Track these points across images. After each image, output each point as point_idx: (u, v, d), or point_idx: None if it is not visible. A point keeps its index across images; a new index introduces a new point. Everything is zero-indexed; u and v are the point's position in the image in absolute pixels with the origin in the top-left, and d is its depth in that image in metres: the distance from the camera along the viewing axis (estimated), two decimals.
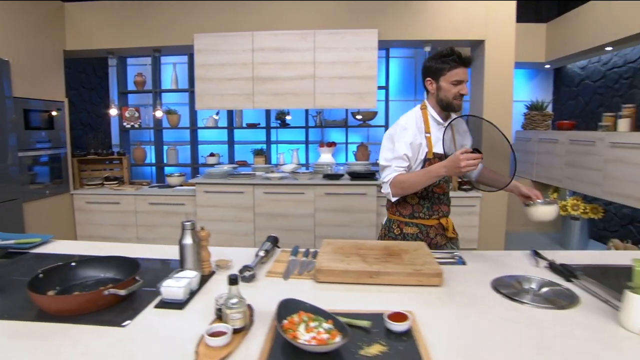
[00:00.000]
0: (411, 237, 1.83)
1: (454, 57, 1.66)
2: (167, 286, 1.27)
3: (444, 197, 1.85)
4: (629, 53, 4.06)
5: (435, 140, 1.78)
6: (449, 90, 1.70)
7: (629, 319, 1.11)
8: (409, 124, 1.78)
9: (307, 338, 0.94)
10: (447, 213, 1.87)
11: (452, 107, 1.73)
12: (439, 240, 1.84)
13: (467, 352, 0.99)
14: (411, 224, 1.84)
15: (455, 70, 1.67)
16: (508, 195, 4.02)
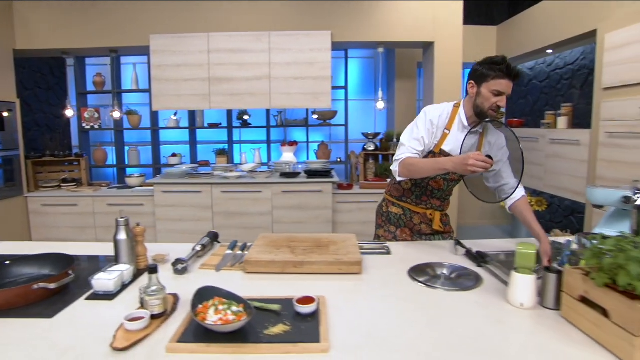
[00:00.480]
0: (394, 216, 1.96)
1: (503, 67, 1.59)
2: (98, 279, 1.33)
3: (438, 192, 1.89)
4: (568, 55, 4.33)
5: (450, 139, 1.77)
6: (487, 98, 1.65)
7: (512, 295, 1.26)
8: (432, 113, 1.77)
9: (214, 319, 1.03)
10: (437, 207, 1.93)
11: (485, 116, 1.69)
12: (423, 229, 1.94)
13: (365, 330, 1.10)
14: (397, 205, 1.97)
15: (500, 81, 1.61)
16: (460, 190, 4.21)
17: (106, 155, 4.84)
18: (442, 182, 1.85)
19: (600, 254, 1.07)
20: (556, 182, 3.80)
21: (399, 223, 1.98)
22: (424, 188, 1.89)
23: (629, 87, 2.93)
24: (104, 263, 1.69)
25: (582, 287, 1.11)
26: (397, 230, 1.98)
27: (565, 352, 1.00)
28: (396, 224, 1.98)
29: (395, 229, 1.98)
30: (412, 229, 1.95)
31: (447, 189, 1.90)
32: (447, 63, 3.94)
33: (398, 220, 1.97)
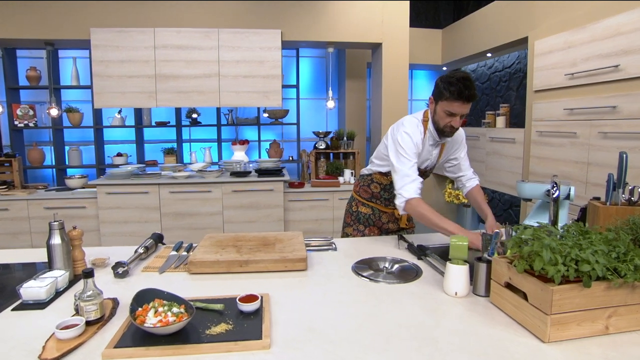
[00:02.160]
0: (363, 216, 2.03)
1: (454, 88, 1.57)
2: (27, 287, 1.26)
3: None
4: (506, 59, 4.63)
5: (423, 156, 1.82)
6: (441, 118, 1.67)
7: (447, 284, 1.34)
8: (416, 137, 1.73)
9: (153, 322, 1.02)
10: None
11: (442, 133, 1.72)
12: (391, 227, 2.04)
13: (306, 324, 1.13)
14: (366, 205, 2.05)
15: (452, 102, 1.60)
16: None
17: (43, 156, 4.53)
18: None
19: (520, 242, 1.17)
20: (496, 178, 4.06)
21: (367, 222, 2.05)
22: (392, 191, 1.88)
23: (555, 90, 3.19)
24: (36, 270, 1.60)
25: (506, 274, 1.21)
26: (365, 229, 2.06)
27: (490, 333, 1.09)
28: (365, 223, 2.06)
29: (364, 227, 2.06)
30: (380, 227, 2.05)
31: None
32: (394, 64, 4.07)
33: (367, 219, 2.05)
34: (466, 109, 1.63)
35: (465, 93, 1.57)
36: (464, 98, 1.58)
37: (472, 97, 1.59)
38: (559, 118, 3.11)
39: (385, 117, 4.09)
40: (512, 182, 3.81)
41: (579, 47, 2.90)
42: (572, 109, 2.97)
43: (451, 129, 1.68)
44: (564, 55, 3.04)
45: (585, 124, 2.86)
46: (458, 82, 1.58)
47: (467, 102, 1.61)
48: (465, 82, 1.58)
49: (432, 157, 1.89)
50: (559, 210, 1.61)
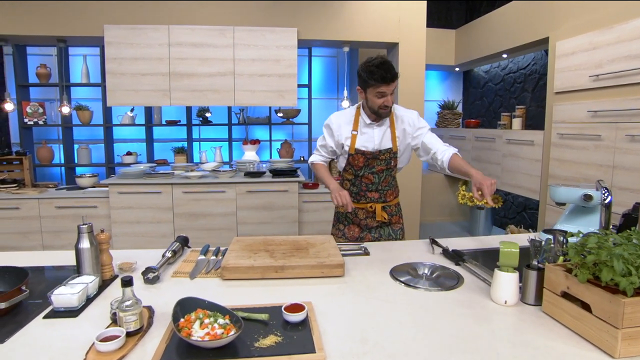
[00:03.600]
0: (342, 215, 2.10)
1: (377, 75, 1.74)
2: (58, 294, 1.20)
3: (372, 186, 2.01)
4: (521, 60, 4.56)
5: (361, 138, 1.97)
6: (374, 101, 1.83)
7: (496, 293, 1.28)
8: (332, 121, 2.02)
9: (200, 334, 0.96)
10: (377, 199, 2.03)
11: (379, 115, 1.89)
12: (369, 222, 2.04)
13: (358, 335, 1.07)
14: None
15: (379, 85, 1.76)
16: (422, 188, 4.32)
17: (52, 154, 4.47)
18: (372, 176, 2.00)
19: (582, 251, 1.11)
20: (512, 180, 4.00)
21: (346, 221, 2.09)
22: (359, 184, 2.03)
23: (578, 91, 3.12)
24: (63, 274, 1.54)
25: (564, 283, 1.15)
26: (345, 227, 2.09)
27: (553, 346, 1.03)
28: (344, 222, 2.10)
29: (344, 227, 2.10)
30: (359, 224, 2.06)
31: (380, 181, 2.02)
32: (410, 64, 4.01)
33: (345, 218, 2.09)
34: (392, 87, 1.79)
35: (388, 76, 1.75)
36: (388, 80, 1.75)
37: (395, 77, 1.78)
38: (582, 120, 3.05)
39: None
40: (529, 184, 3.74)
41: (604, 48, 2.84)
42: (597, 111, 2.91)
43: (386, 108, 1.84)
44: (589, 56, 2.97)
45: (610, 127, 2.80)
46: (378, 69, 1.75)
47: (391, 82, 1.77)
48: (384, 66, 1.75)
49: (377, 139, 1.96)
50: (605, 216, 1.55)
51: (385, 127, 1.97)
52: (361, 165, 1.98)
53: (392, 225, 2.10)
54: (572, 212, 1.94)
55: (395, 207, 2.11)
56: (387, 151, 1.96)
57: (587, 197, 1.80)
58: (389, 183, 2.05)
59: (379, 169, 1.98)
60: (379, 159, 1.96)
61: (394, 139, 1.97)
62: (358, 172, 1.99)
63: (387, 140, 1.97)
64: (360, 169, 1.98)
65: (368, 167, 1.97)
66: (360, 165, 1.98)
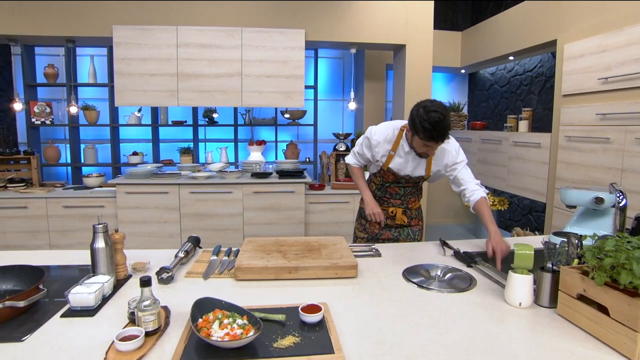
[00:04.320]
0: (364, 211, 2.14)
1: (428, 134, 1.69)
2: (75, 293, 1.21)
3: (396, 195, 2.09)
4: (527, 63, 4.56)
5: (396, 160, 1.98)
6: (418, 147, 1.82)
7: (510, 295, 1.28)
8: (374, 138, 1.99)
9: (220, 335, 0.96)
10: (399, 205, 2.11)
11: (418, 155, 1.91)
12: (389, 223, 2.12)
13: (374, 336, 1.08)
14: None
15: (427, 142, 1.74)
16: (428, 191, 4.31)
17: (59, 154, 4.48)
18: (398, 189, 2.08)
19: (599, 253, 1.11)
20: (518, 183, 3.99)
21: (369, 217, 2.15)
22: (384, 192, 2.11)
23: (586, 94, 3.12)
24: (77, 273, 1.55)
25: (580, 285, 1.15)
26: (367, 223, 2.17)
27: (570, 349, 1.03)
28: (367, 217, 2.15)
29: (366, 222, 2.18)
30: (380, 223, 2.12)
31: (406, 193, 2.10)
32: (417, 66, 4.01)
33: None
34: (437, 146, 1.79)
35: (439, 140, 1.72)
36: (436, 141, 1.73)
37: (444, 139, 1.74)
38: (590, 123, 3.04)
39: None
40: (535, 187, 3.74)
41: (614, 50, 2.83)
42: (605, 114, 2.90)
43: (425, 155, 1.88)
44: (598, 59, 2.97)
45: (619, 130, 2.79)
46: (432, 128, 1.67)
47: (438, 142, 1.74)
48: (438, 127, 1.67)
49: (410, 166, 1.96)
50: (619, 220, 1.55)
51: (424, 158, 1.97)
52: (390, 181, 2.05)
53: (412, 227, 2.17)
54: (582, 215, 1.94)
55: (416, 210, 2.18)
56: (419, 177, 2.03)
57: (598, 200, 1.79)
58: (413, 193, 2.12)
59: (407, 185, 2.07)
60: (408, 181, 2.04)
61: (428, 168, 1.99)
62: (386, 183, 2.08)
63: (421, 169, 1.99)
64: (389, 183, 2.07)
65: (396, 182, 2.05)
66: (390, 180, 2.05)
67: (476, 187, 1.90)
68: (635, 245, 1.08)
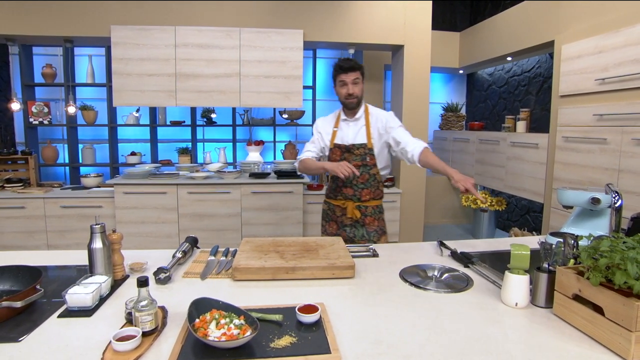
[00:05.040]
0: (324, 212, 2.26)
1: (337, 65, 2.02)
2: (73, 293, 1.20)
3: (348, 181, 2.10)
4: (525, 63, 4.58)
5: (339, 134, 2.13)
6: (340, 92, 2.05)
7: (507, 295, 1.29)
8: (318, 122, 2.21)
9: (217, 335, 0.96)
10: (351, 196, 2.13)
11: (347, 105, 2.08)
12: (344, 220, 2.16)
13: (371, 337, 1.08)
14: (326, 202, 2.25)
15: (339, 76, 2.01)
16: (426, 191, 4.33)
17: (57, 154, 4.48)
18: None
19: (594, 254, 1.12)
20: (516, 183, 4.00)
21: (327, 218, 2.24)
22: (336, 180, 2.14)
23: (583, 95, 3.13)
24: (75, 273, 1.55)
25: (575, 285, 1.15)
26: (326, 224, 2.24)
27: (566, 348, 1.04)
28: (326, 218, 2.25)
29: (326, 222, 2.24)
30: (337, 221, 2.18)
31: (355, 176, 2.07)
32: (415, 66, 4.01)
33: (326, 215, 2.24)
34: (352, 76, 2.00)
35: (344, 65, 2.00)
36: (346, 69, 1.99)
37: (353, 67, 2.00)
38: (587, 124, 3.06)
39: (406, 120, 4.03)
40: (533, 187, 3.75)
41: (611, 51, 2.85)
42: (602, 115, 2.91)
43: (349, 96, 2.02)
44: (595, 59, 2.98)
45: (616, 130, 2.81)
46: (339, 61, 2.04)
47: (350, 71, 2.00)
48: (344, 59, 2.04)
49: (352, 133, 2.10)
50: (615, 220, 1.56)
51: (361, 124, 2.12)
52: (338, 159, 2.09)
53: (367, 226, 2.15)
54: (579, 215, 1.95)
55: (373, 208, 2.16)
56: (361, 146, 2.08)
57: (594, 201, 1.80)
58: (367, 182, 2.11)
59: (355, 164, 2.06)
60: (354, 154, 2.08)
61: (368, 135, 2.09)
62: None
63: (362, 136, 2.11)
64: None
65: (344, 160, 2.07)
66: (338, 159, 2.10)
67: (416, 141, 2.01)
68: (630, 245, 1.09)
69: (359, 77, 2.02)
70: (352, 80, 2.00)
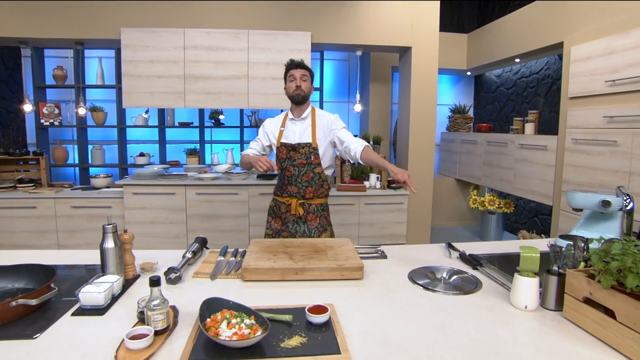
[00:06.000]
0: (270, 208, 2.31)
1: (288, 63, 2.17)
2: (86, 292, 1.22)
3: (292, 179, 2.17)
4: (534, 65, 4.55)
5: (285, 133, 2.22)
6: (289, 87, 2.15)
7: (516, 297, 1.28)
8: (266, 123, 2.29)
9: (228, 334, 0.97)
10: (295, 194, 2.19)
11: (294, 100, 2.16)
12: (288, 217, 2.21)
13: (381, 337, 1.08)
14: (273, 199, 2.31)
15: (290, 71, 2.13)
16: (435, 193, 4.32)
17: (67, 154, 4.54)
18: (292, 169, 2.16)
19: (605, 257, 1.11)
20: (524, 185, 3.97)
21: (273, 214, 2.28)
22: (283, 178, 2.22)
23: (593, 97, 3.11)
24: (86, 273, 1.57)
25: (586, 288, 1.15)
26: (272, 220, 2.28)
27: (577, 352, 1.03)
28: (271, 214, 2.29)
29: (272, 219, 2.29)
30: (281, 217, 2.23)
31: (300, 174, 2.16)
32: (423, 68, 4.01)
33: (272, 211, 2.29)
34: (301, 72, 2.12)
35: (293, 62, 2.15)
36: (294, 65, 2.14)
37: (300, 64, 2.14)
38: (597, 126, 3.03)
39: (414, 121, 4.03)
40: (542, 190, 3.72)
41: (621, 53, 2.82)
42: (613, 117, 2.89)
43: (297, 88, 2.12)
44: (605, 61, 2.96)
45: (627, 132, 2.78)
46: (290, 60, 2.18)
47: (299, 68, 2.13)
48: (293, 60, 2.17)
49: (298, 133, 2.17)
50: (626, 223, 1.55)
51: (307, 124, 2.19)
52: (284, 158, 2.16)
53: (308, 222, 2.20)
54: (588, 218, 1.93)
55: (316, 207, 2.22)
56: (306, 145, 2.15)
57: (605, 204, 1.79)
58: (311, 180, 2.17)
59: (300, 163, 2.14)
60: (299, 152, 2.14)
61: (313, 134, 2.17)
62: (282, 164, 2.18)
63: (307, 136, 2.18)
64: (284, 161, 2.17)
65: (290, 159, 2.15)
66: (284, 157, 2.16)
67: (358, 140, 2.11)
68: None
69: (307, 75, 2.14)
70: (300, 75, 2.12)
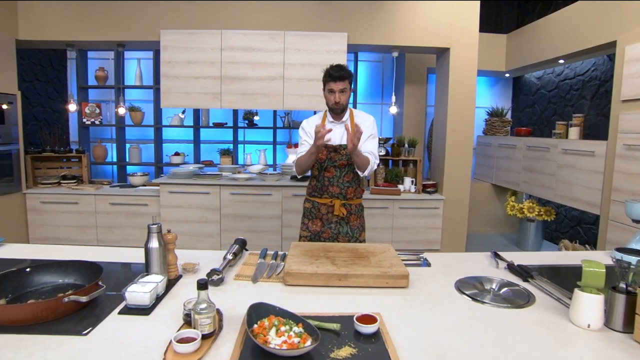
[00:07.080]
0: (307, 210, 2.24)
1: (327, 73, 2.07)
2: (132, 291, 1.23)
3: (333, 179, 2.15)
4: (579, 66, 4.33)
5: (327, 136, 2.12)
6: (328, 98, 2.12)
7: (577, 315, 1.19)
8: (304, 124, 2.25)
9: (278, 342, 0.94)
10: (337, 195, 2.15)
11: (333, 111, 2.14)
12: (330, 217, 2.17)
13: (432, 351, 1.03)
14: (309, 200, 2.24)
15: (329, 84, 2.06)
16: (470, 198, 4.18)
17: (106, 153, 4.68)
18: (333, 169, 2.14)
19: None
20: (568, 193, 3.78)
21: (311, 216, 2.22)
22: (322, 179, 2.17)
23: None
24: (127, 271, 1.59)
25: None
26: (309, 222, 2.23)
27: None
28: (309, 216, 2.23)
29: (308, 220, 2.23)
30: (321, 219, 2.18)
31: (342, 175, 2.15)
32: (462, 69, 3.89)
33: (310, 213, 2.22)
34: (340, 86, 2.05)
35: (335, 75, 2.03)
36: (335, 78, 2.04)
37: (342, 76, 2.04)
38: None
39: (451, 124, 3.91)
40: (587, 197, 3.53)
41: None
42: None
43: (336, 104, 2.09)
44: None
45: None
46: (330, 69, 2.06)
47: (339, 80, 2.04)
48: (335, 67, 2.06)
49: (338, 135, 2.14)
50: None
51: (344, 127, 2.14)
52: (324, 158, 2.12)
53: (350, 223, 2.19)
54: None
55: (356, 207, 2.21)
56: (347, 146, 2.07)
57: None
58: (351, 181, 2.17)
59: (341, 164, 2.12)
60: (339, 154, 2.12)
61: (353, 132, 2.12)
62: (322, 164, 2.13)
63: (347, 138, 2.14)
64: (324, 162, 2.13)
65: (330, 160, 2.12)
66: (324, 158, 2.12)
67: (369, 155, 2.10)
68: None
69: (347, 87, 2.08)
70: (340, 89, 2.06)
